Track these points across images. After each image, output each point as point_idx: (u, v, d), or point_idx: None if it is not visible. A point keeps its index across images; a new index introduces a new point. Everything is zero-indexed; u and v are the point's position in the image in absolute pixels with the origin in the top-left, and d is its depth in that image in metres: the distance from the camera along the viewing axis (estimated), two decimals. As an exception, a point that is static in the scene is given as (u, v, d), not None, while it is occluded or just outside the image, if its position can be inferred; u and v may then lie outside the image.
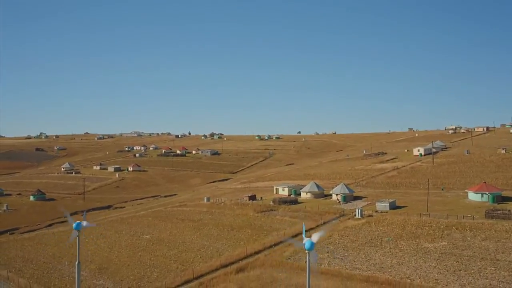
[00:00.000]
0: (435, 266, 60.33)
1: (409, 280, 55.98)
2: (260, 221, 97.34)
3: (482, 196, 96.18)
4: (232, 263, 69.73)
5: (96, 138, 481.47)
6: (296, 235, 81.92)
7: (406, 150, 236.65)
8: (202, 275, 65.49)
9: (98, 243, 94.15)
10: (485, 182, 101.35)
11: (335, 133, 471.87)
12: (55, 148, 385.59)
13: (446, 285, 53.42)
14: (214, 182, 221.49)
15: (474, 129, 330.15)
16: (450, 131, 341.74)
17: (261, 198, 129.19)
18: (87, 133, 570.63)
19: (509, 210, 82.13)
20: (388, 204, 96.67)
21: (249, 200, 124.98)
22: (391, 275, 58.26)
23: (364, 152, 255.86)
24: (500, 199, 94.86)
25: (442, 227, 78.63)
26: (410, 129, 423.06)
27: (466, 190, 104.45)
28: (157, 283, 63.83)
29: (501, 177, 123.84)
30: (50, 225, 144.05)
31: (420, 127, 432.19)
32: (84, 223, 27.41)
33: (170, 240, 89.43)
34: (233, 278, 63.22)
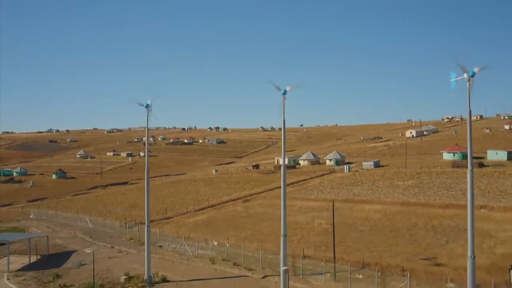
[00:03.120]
0: (401, 192, 75.81)
1: (378, 199, 71.59)
2: (262, 179, 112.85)
3: (453, 155, 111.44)
4: (239, 198, 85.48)
5: (105, 132, 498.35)
6: (293, 183, 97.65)
7: (400, 135, 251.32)
8: (214, 205, 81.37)
9: (123, 197, 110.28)
10: (457, 144, 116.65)
11: (336, 125, 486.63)
12: (68, 140, 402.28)
13: (407, 200, 68.97)
14: (220, 164, 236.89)
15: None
16: (446, 120, 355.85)
17: (265, 167, 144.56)
18: (95, 128, 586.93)
19: (477, 162, 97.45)
20: (372, 163, 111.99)
21: (253, 169, 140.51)
22: (365, 198, 73.87)
23: (362, 138, 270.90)
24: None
25: (414, 173, 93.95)
26: (409, 120, 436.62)
27: (441, 151, 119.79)
28: (180, 210, 79.77)
29: (478, 146, 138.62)
30: (74, 195, 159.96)
31: (419, 119, 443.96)
32: (149, 101, 41.74)
33: (187, 191, 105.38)
34: (240, 204, 79.13)
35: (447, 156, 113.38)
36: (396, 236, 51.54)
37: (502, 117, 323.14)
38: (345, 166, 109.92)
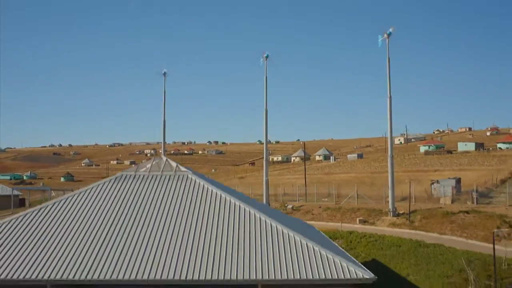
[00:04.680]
0: (374, 168, 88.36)
1: (353, 171, 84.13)
2: (257, 169, 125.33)
3: (429, 147, 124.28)
4: (235, 177, 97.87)
5: (107, 146, 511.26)
6: (284, 168, 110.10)
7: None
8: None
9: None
10: (432, 138, 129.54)
11: (331, 139, 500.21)
12: (71, 153, 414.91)
13: (376, 171, 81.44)
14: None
15: (458, 130, 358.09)
16: (436, 132, 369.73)
17: (260, 164, 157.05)
18: (97, 144, 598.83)
19: (443, 148, 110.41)
20: (356, 155, 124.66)
21: (249, 165, 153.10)
22: (342, 171, 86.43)
23: (355, 147, 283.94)
24: (443, 148, 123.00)
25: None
26: (402, 134, 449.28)
27: (418, 145, 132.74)
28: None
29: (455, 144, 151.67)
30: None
31: (413, 132, 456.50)
32: (164, 70, 54.37)
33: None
34: (235, 179, 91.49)
35: (423, 148, 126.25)
36: (359, 186, 63.93)
37: (489, 128, 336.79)
38: (331, 156, 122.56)
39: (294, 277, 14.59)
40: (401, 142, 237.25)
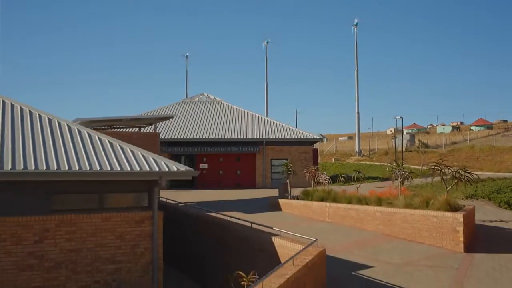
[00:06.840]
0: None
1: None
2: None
3: (411, 131, 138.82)
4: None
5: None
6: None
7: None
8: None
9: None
10: (414, 123, 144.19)
11: (329, 134, 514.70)
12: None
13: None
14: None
15: (450, 123, 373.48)
16: (430, 126, 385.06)
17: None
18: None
19: (423, 131, 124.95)
20: (346, 138, 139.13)
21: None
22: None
23: (346, 138, 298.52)
24: (423, 131, 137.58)
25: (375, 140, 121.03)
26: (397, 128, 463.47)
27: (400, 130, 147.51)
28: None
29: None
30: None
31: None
32: (187, 54, 68.38)
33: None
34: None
35: (406, 131, 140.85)
36: (341, 148, 78.53)
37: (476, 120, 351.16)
38: (323, 139, 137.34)
39: (280, 137, 29.24)
40: (392, 132, 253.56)
